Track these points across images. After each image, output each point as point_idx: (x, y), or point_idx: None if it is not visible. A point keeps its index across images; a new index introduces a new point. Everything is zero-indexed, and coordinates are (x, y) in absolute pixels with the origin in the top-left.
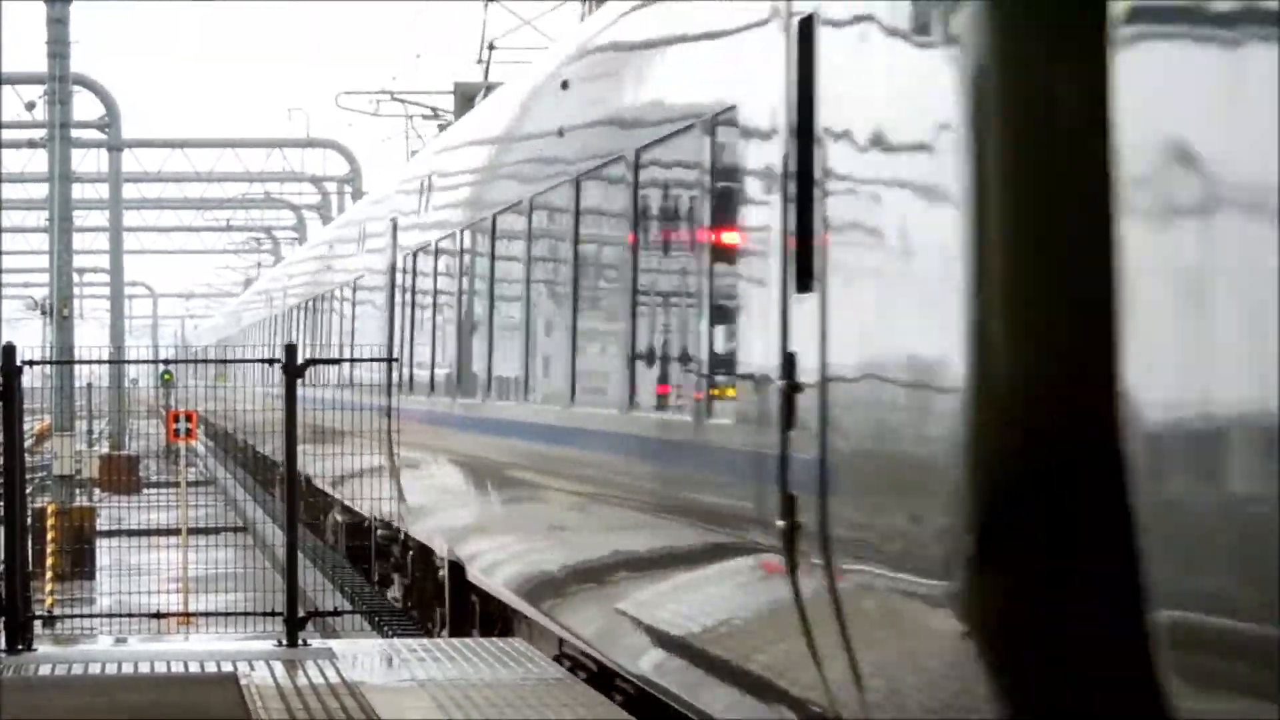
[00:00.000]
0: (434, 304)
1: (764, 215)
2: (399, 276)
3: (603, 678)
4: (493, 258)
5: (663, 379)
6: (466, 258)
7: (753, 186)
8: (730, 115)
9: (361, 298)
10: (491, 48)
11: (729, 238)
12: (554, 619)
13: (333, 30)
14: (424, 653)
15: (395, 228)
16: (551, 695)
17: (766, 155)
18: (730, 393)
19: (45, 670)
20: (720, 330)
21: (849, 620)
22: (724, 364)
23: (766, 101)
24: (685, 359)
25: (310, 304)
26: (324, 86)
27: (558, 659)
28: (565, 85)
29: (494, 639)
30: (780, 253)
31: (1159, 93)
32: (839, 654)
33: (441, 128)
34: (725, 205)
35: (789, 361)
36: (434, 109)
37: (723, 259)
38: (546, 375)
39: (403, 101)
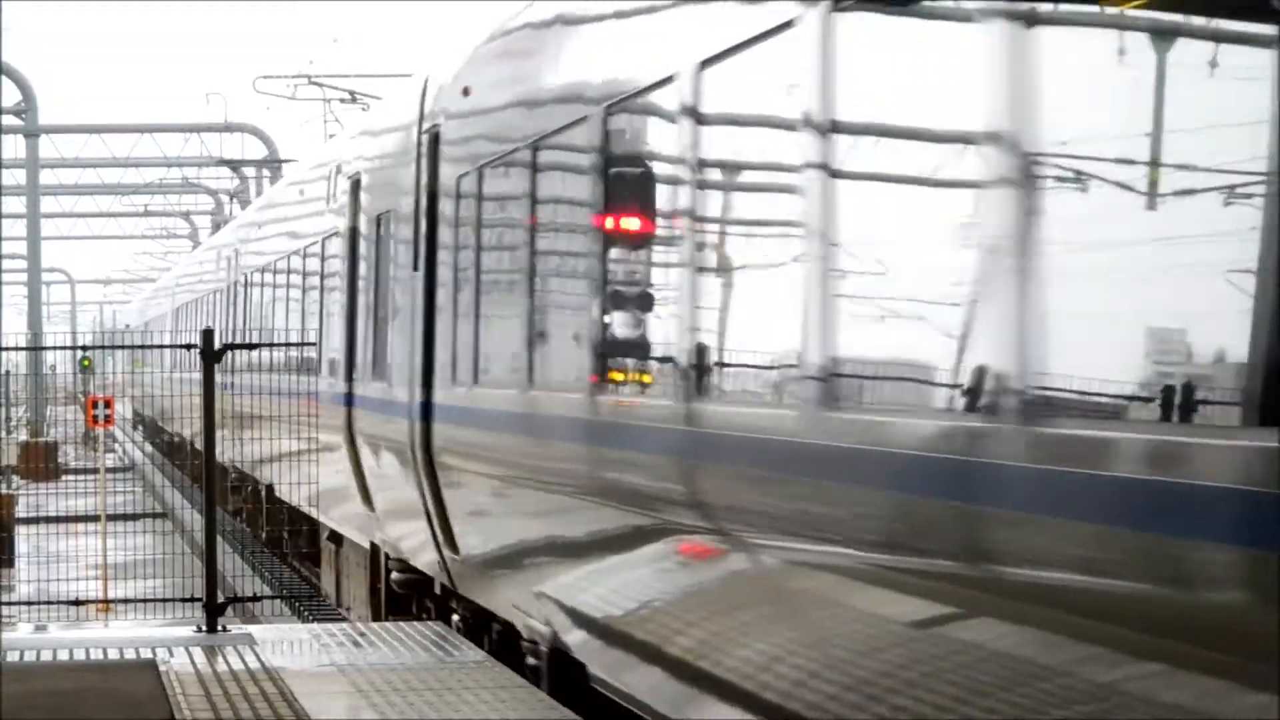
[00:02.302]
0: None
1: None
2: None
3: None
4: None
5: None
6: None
7: None
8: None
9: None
10: None
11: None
12: None
13: (250, 14)
14: (344, 637)
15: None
16: (472, 679)
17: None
18: None
19: None
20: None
21: None
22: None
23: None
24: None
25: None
26: (241, 71)
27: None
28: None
29: (414, 623)
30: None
31: None
32: None
33: (364, 108)
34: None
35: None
36: (351, 93)
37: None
38: None
39: (320, 85)
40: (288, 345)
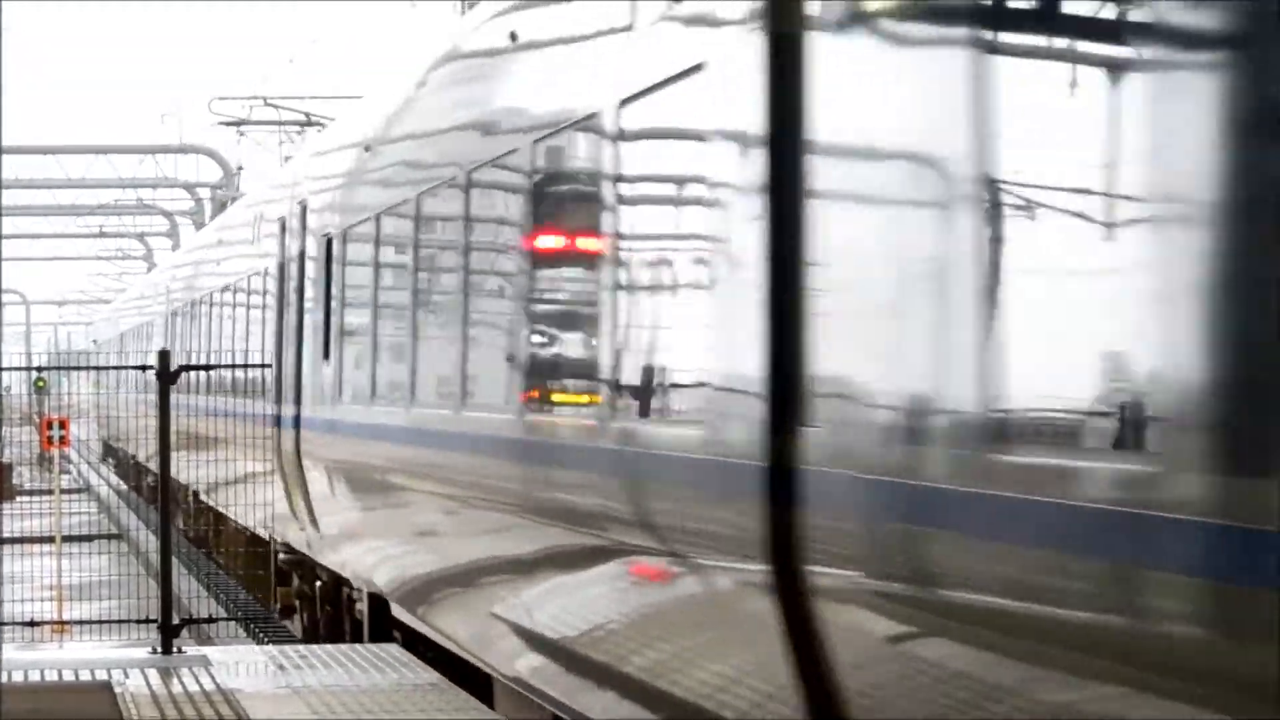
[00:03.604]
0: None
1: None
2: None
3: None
4: None
5: None
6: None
7: None
8: None
9: None
10: None
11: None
12: None
13: (207, 34)
14: (299, 659)
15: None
16: (428, 700)
17: None
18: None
19: None
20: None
21: None
22: None
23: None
24: None
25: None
26: (198, 91)
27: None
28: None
29: (370, 645)
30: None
31: None
32: None
33: (320, 129)
34: None
35: None
36: (306, 114)
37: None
38: None
39: (275, 106)
40: (245, 366)
